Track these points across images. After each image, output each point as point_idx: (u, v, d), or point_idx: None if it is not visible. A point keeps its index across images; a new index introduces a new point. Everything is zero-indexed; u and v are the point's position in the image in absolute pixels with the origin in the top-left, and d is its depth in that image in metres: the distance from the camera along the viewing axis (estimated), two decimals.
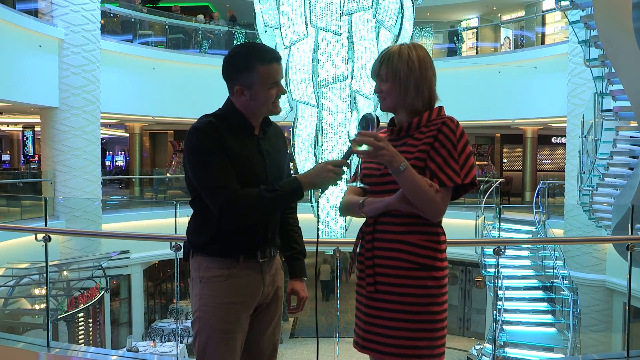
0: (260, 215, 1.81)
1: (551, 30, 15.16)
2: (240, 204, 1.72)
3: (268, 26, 8.28)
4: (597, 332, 10.43)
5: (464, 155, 1.70)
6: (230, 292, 1.81)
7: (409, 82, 1.73)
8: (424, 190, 1.65)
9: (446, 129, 1.70)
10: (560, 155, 18.59)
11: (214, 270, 1.82)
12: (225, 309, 1.81)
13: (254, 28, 8.70)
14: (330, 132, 8.13)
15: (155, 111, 13.68)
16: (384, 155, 1.63)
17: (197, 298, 1.83)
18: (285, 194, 1.76)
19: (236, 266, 1.83)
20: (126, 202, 14.76)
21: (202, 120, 1.81)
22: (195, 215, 1.89)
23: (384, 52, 1.80)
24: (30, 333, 7.71)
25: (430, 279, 1.70)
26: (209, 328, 1.81)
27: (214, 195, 1.73)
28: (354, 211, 1.83)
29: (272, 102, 1.84)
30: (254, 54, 1.80)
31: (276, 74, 1.82)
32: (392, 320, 1.71)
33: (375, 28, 8.20)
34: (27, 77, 9.86)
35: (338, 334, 4.83)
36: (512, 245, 9.85)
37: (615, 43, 5.61)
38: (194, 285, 1.86)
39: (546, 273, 9.48)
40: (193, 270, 1.87)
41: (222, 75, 1.86)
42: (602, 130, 7.70)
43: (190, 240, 1.89)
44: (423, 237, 1.72)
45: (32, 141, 17.91)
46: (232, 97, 1.86)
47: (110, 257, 9.43)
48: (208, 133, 1.75)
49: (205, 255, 1.84)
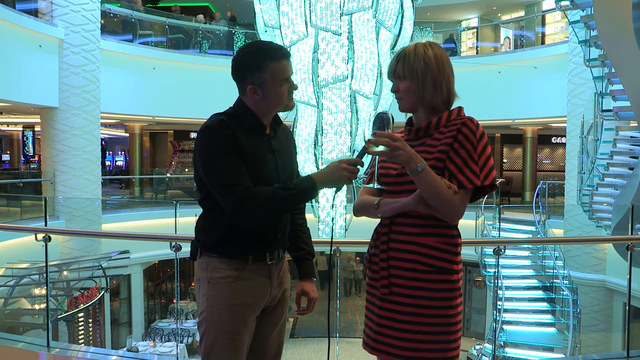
0: (273, 214, 1.80)
1: (551, 30, 15.16)
2: (254, 202, 1.70)
3: (268, 26, 8.28)
4: (597, 332, 10.43)
5: (484, 157, 1.67)
6: (238, 294, 1.81)
7: (426, 79, 1.71)
8: (442, 192, 1.62)
9: (466, 129, 1.68)
10: (560, 155, 18.59)
11: (223, 271, 1.81)
12: (232, 311, 1.80)
13: (254, 28, 8.70)
14: (330, 132, 8.13)
15: (155, 111, 13.68)
16: (400, 155, 1.60)
17: (205, 298, 1.82)
18: (298, 192, 1.74)
19: (245, 267, 1.82)
20: (126, 202, 14.75)
21: (214, 119, 1.80)
22: (205, 214, 1.88)
23: (400, 51, 1.78)
24: (30, 333, 7.71)
25: (446, 282, 1.68)
26: (216, 329, 1.80)
27: (226, 193, 1.72)
28: (369, 212, 1.79)
29: (287, 98, 1.84)
30: (264, 52, 1.80)
31: (287, 70, 1.82)
32: (406, 323, 1.69)
33: (375, 28, 8.21)
34: (27, 77, 9.85)
35: (338, 334, 4.83)
36: (512, 245, 9.84)
37: (615, 43, 5.61)
38: (201, 285, 1.84)
39: (546, 273, 9.47)
40: (200, 270, 1.86)
41: (232, 76, 1.85)
42: (602, 130, 7.70)
43: (199, 239, 1.87)
44: (439, 240, 1.69)
45: (32, 141, 17.91)
46: (243, 96, 1.85)
47: (110, 257, 9.43)
48: (221, 131, 1.74)
49: (214, 256, 1.83)
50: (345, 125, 8.13)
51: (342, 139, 8.13)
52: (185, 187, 15.45)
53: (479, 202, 10.83)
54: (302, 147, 8.22)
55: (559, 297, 8.96)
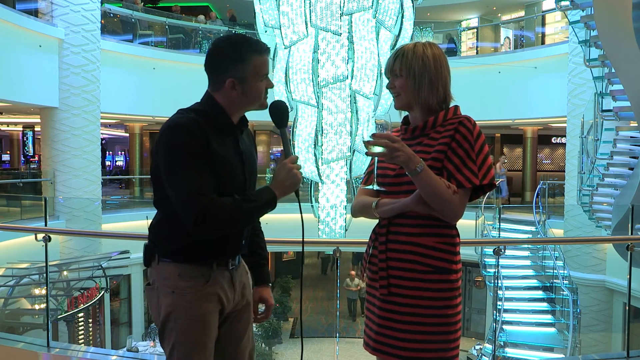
0: (235, 227, 1.72)
1: (551, 30, 15.17)
2: (216, 215, 1.59)
3: (268, 26, 8.29)
4: (597, 332, 10.43)
5: (482, 156, 1.67)
6: (207, 302, 1.71)
7: (423, 78, 1.71)
8: (442, 192, 1.61)
9: (463, 128, 1.68)
10: (560, 155, 18.59)
11: (189, 279, 1.69)
12: (202, 320, 1.70)
13: (254, 28, 8.71)
14: (330, 132, 8.12)
15: (155, 111, 13.67)
16: (399, 156, 1.59)
17: (170, 309, 1.68)
18: (260, 204, 1.67)
19: (210, 274, 1.72)
20: (126, 202, 14.76)
21: (183, 116, 1.65)
22: (165, 218, 1.74)
23: (398, 48, 1.79)
24: (30, 333, 7.72)
25: (445, 282, 1.68)
26: (187, 341, 1.69)
27: (188, 202, 1.58)
28: (367, 213, 1.78)
29: (263, 96, 1.74)
30: (248, 45, 1.69)
31: (267, 65, 1.73)
32: (406, 323, 1.69)
33: (375, 28, 8.21)
34: (27, 77, 9.85)
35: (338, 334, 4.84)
36: (512, 245, 9.86)
37: (615, 43, 5.61)
38: (160, 294, 1.70)
39: (546, 273, 9.48)
40: (158, 277, 1.71)
41: (205, 67, 1.72)
42: (602, 130, 7.70)
43: (157, 245, 1.74)
44: (438, 240, 1.69)
45: (32, 141, 17.90)
46: (215, 91, 1.71)
47: (110, 257, 9.43)
48: (192, 132, 1.60)
49: (177, 263, 1.70)
50: (345, 125, 8.13)
51: (342, 139, 8.12)
52: None
53: (479, 202, 10.84)
54: (302, 147, 8.22)
55: (559, 297, 8.97)
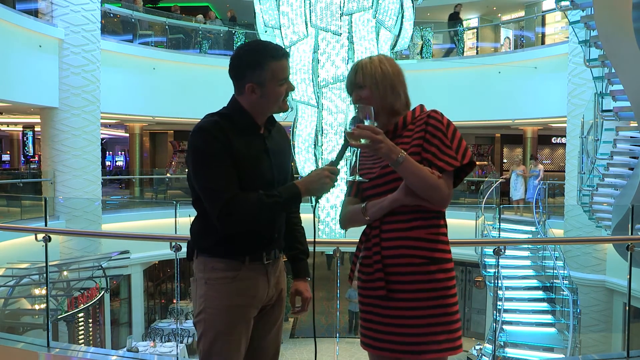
0: (258, 221, 1.79)
1: (551, 31, 15.16)
2: (239, 210, 1.69)
3: (268, 26, 8.29)
4: (597, 332, 10.43)
5: (456, 140, 1.73)
6: (236, 294, 1.80)
7: (385, 84, 1.80)
8: (427, 177, 1.66)
9: (433, 120, 1.74)
10: (560, 155, 18.60)
11: (220, 271, 1.80)
12: (230, 311, 1.80)
13: (254, 28, 8.72)
14: (330, 132, 8.13)
15: (155, 111, 13.69)
16: (382, 148, 1.65)
17: (202, 299, 1.81)
18: (283, 200, 1.75)
19: (242, 268, 1.81)
20: (126, 202, 14.76)
21: (207, 120, 1.78)
22: (200, 216, 1.86)
23: (355, 63, 1.88)
24: (30, 333, 7.71)
25: (442, 272, 1.72)
26: (214, 330, 1.79)
27: (213, 198, 1.71)
28: (357, 220, 1.83)
29: (282, 99, 1.84)
30: (265, 51, 1.79)
31: (286, 70, 1.82)
32: (409, 318, 1.71)
33: (375, 28, 8.21)
34: (27, 77, 9.85)
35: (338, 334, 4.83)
36: (512, 246, 9.85)
37: (615, 43, 5.61)
38: (198, 285, 1.84)
39: (546, 273, 9.49)
40: (197, 270, 1.85)
41: (229, 74, 1.83)
42: (602, 130, 7.70)
43: (195, 241, 1.87)
44: (429, 231, 1.73)
45: (32, 141, 17.92)
46: (239, 96, 1.83)
47: (110, 257, 9.43)
48: (213, 134, 1.72)
49: (211, 256, 1.82)
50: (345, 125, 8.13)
51: (342, 139, 8.12)
52: (185, 187, 15.43)
53: (478, 202, 10.84)
54: (302, 147, 8.22)
55: (559, 297, 8.97)
